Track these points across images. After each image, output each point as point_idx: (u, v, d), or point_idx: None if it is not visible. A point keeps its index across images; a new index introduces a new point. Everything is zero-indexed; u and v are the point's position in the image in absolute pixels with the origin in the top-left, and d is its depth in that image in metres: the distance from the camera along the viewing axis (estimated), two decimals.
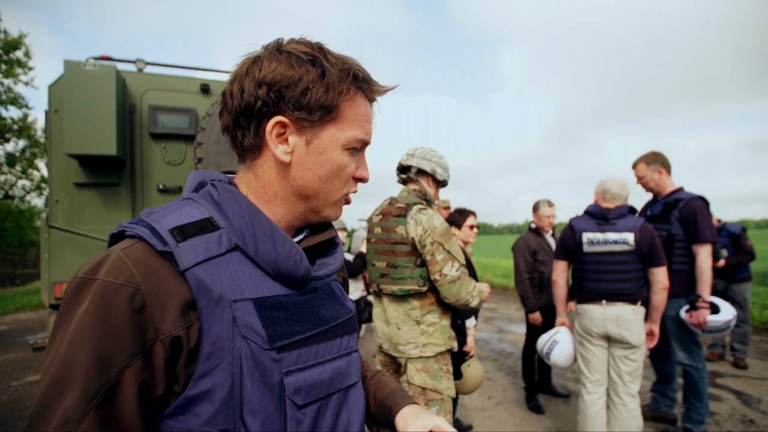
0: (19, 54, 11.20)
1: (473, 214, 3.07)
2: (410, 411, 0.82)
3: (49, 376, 0.52)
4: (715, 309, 2.78)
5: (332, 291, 0.74)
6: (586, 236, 2.61)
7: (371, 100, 0.72)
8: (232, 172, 0.75)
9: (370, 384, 0.90)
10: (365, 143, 0.71)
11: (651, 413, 3.30)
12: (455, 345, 2.13)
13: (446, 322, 2.09)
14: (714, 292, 3.72)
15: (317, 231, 0.77)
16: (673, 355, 3.07)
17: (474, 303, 2.01)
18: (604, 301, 2.56)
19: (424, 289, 2.02)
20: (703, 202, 2.86)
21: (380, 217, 2.17)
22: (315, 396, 0.64)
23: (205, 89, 3.80)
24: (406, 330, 2.05)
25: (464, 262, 2.01)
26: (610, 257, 2.54)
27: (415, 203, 2.06)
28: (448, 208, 5.30)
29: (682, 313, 2.84)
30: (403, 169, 2.22)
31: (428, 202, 2.15)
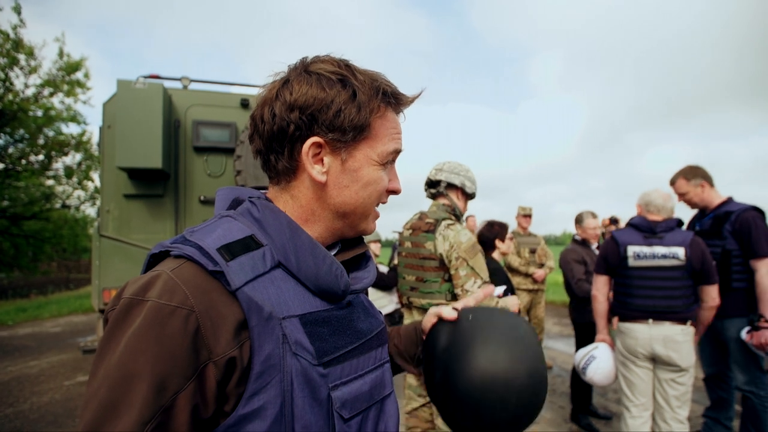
0: (79, 75, 12.07)
1: (507, 225, 3.28)
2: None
3: (98, 398, 0.51)
4: None
5: (364, 304, 0.76)
6: (632, 249, 2.48)
7: (399, 111, 0.74)
8: (264, 188, 0.75)
9: (394, 329, 0.99)
10: (397, 154, 0.73)
11: None
12: None
13: None
14: None
15: (350, 245, 0.77)
16: (732, 381, 2.85)
17: None
18: (650, 320, 2.41)
19: None
20: (757, 212, 2.67)
21: (410, 231, 2.19)
22: (358, 408, 0.65)
23: (244, 104, 3.95)
24: None
25: (488, 280, 2.00)
26: (657, 272, 2.40)
27: (443, 218, 2.07)
28: (529, 216, 5.24)
29: (743, 334, 2.63)
30: (431, 184, 2.23)
31: (457, 216, 2.15)
